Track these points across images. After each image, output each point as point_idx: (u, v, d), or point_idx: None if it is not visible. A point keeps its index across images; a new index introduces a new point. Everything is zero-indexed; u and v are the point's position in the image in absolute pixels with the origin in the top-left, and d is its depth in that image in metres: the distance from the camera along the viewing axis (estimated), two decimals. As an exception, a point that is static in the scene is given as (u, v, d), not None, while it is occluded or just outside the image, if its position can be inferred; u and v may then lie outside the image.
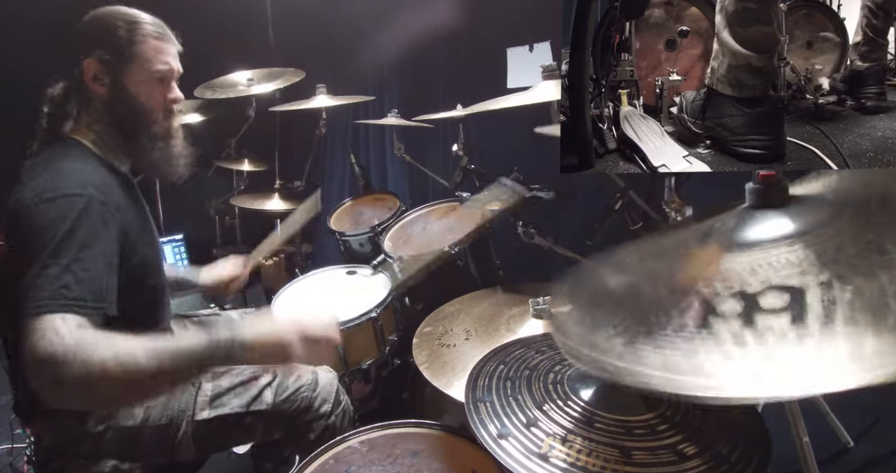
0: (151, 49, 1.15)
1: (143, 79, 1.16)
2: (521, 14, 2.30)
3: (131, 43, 1.13)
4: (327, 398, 1.31)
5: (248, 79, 2.49)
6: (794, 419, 0.98)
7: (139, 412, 1.16)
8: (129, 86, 1.15)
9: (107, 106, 1.15)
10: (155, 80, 1.17)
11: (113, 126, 1.17)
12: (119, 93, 1.15)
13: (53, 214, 0.96)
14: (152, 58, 1.15)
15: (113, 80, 1.14)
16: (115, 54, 1.13)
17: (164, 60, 1.17)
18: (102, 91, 1.14)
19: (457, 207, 2.10)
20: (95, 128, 1.16)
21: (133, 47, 1.13)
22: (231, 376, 1.27)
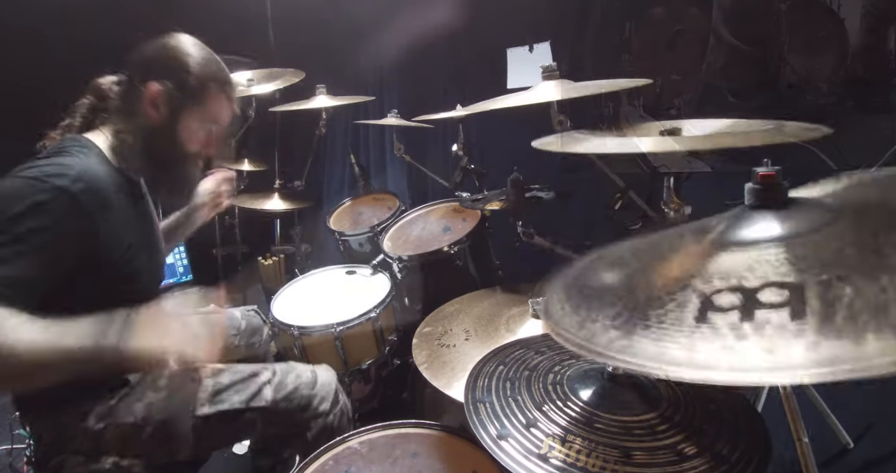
0: (218, 107, 1.19)
1: (196, 127, 1.18)
2: (521, 14, 2.30)
3: (205, 91, 1.16)
4: (326, 396, 1.32)
5: (248, 80, 2.49)
6: (794, 419, 0.98)
7: (140, 408, 1.16)
8: (180, 125, 1.16)
9: (150, 129, 1.16)
10: (205, 131, 1.20)
11: (143, 147, 1.17)
12: (168, 126, 1.16)
13: (11, 193, 0.94)
14: (214, 111, 1.19)
15: (170, 114, 1.15)
16: (184, 93, 1.14)
17: (221, 119, 1.21)
18: (154, 116, 1.15)
19: (457, 207, 2.10)
20: (122, 137, 1.16)
21: (205, 95, 1.16)
22: (231, 373, 1.27)
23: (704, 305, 0.56)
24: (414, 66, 2.84)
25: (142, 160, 1.18)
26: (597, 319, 0.63)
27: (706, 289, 0.59)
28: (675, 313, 0.57)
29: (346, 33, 2.97)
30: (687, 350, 0.52)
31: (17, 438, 1.87)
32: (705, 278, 0.61)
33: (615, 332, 0.59)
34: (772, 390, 1.16)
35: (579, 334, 0.62)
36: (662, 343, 0.54)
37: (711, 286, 0.59)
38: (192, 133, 1.19)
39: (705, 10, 2.34)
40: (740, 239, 0.66)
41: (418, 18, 2.55)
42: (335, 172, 3.41)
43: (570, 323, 0.65)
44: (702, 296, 0.58)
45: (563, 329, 0.64)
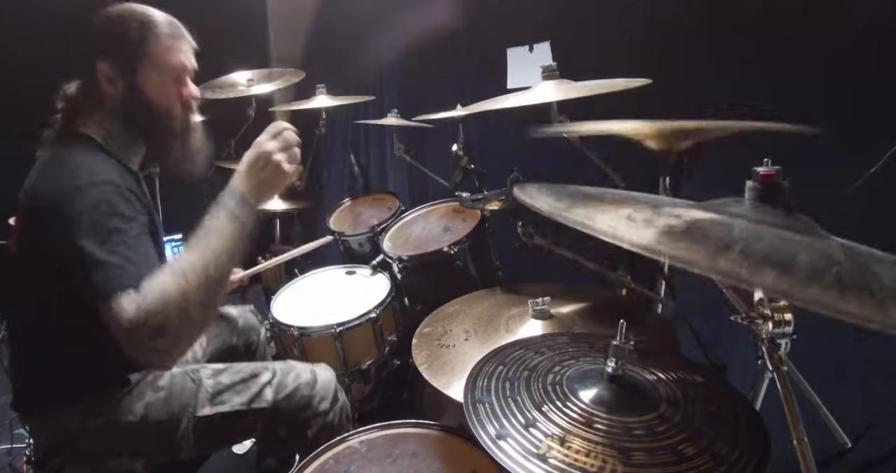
0: (164, 48, 1.14)
1: (158, 79, 1.15)
2: (521, 14, 2.30)
3: (144, 43, 1.12)
4: (325, 396, 1.32)
5: (248, 80, 2.49)
6: (794, 419, 0.98)
7: (140, 408, 1.16)
8: (143, 86, 1.14)
9: (122, 106, 1.15)
10: (170, 79, 1.16)
11: (128, 125, 1.16)
12: (134, 94, 1.14)
13: (90, 201, 0.97)
14: (165, 57, 1.15)
15: (127, 82, 1.13)
16: (127, 56, 1.12)
17: (177, 58, 1.16)
18: (116, 92, 1.14)
19: (457, 207, 2.10)
20: (107, 126, 1.16)
21: (146, 47, 1.13)
22: (231, 373, 1.27)
23: (693, 227, 0.61)
24: (414, 66, 2.84)
25: (131, 140, 1.18)
26: (576, 203, 0.70)
27: (696, 223, 0.63)
28: (661, 223, 0.62)
29: (346, 33, 2.97)
30: (672, 248, 0.57)
31: (17, 438, 1.88)
32: (697, 218, 0.65)
33: (586, 212, 0.66)
34: (770, 390, 1.16)
35: (556, 203, 0.71)
36: (646, 236, 0.59)
37: (702, 223, 0.63)
38: (160, 88, 1.16)
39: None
40: (734, 212, 0.68)
41: (418, 18, 2.55)
42: (335, 172, 3.41)
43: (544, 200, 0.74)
44: (690, 223, 0.62)
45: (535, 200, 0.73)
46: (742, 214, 0.67)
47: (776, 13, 1.62)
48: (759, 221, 0.65)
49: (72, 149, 1.10)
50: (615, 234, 0.57)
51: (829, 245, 0.61)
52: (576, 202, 0.70)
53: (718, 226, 0.62)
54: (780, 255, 0.53)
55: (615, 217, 0.63)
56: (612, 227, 0.59)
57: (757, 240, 0.57)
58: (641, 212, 0.64)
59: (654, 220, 0.61)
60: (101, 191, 1.00)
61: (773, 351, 0.78)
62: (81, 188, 0.98)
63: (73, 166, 1.04)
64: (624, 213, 0.64)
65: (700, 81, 1.81)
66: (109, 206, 0.99)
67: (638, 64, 1.45)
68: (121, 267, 0.93)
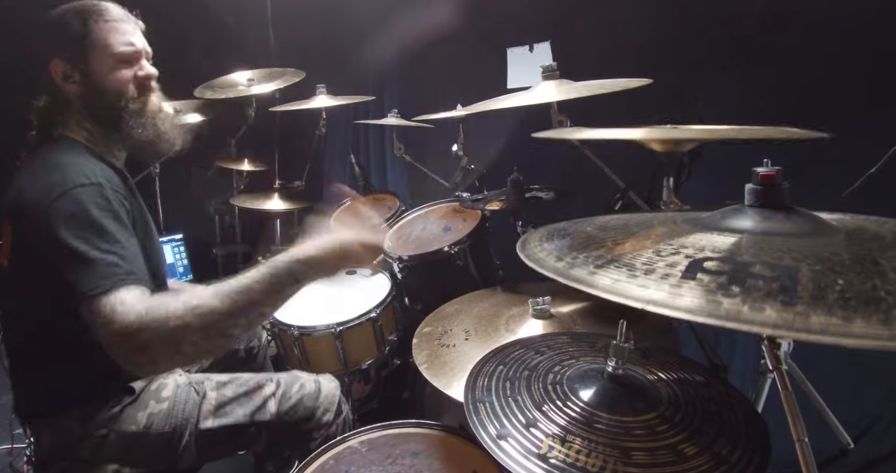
0: (109, 32, 1.13)
1: (109, 66, 1.13)
2: (521, 14, 2.30)
3: (87, 32, 1.11)
4: (329, 407, 1.31)
5: (248, 80, 2.49)
6: (794, 419, 0.98)
7: (143, 418, 1.16)
8: (96, 75, 1.13)
9: (84, 102, 1.14)
10: (121, 63, 1.14)
11: (96, 121, 1.16)
12: (90, 86, 1.13)
13: (74, 206, 0.97)
14: (112, 41, 1.13)
15: (81, 75, 1.12)
16: (74, 49, 1.11)
17: (123, 41, 1.14)
18: (75, 88, 1.13)
19: (457, 207, 2.10)
20: (85, 126, 1.15)
21: (91, 35, 1.11)
22: (235, 385, 1.27)
23: (694, 265, 0.58)
24: (414, 65, 2.84)
25: (108, 135, 1.17)
26: (577, 257, 0.66)
27: (696, 255, 0.61)
28: (662, 268, 0.59)
29: (346, 33, 2.97)
30: (672, 296, 0.54)
31: (17, 438, 1.88)
32: (698, 248, 0.63)
33: (595, 270, 0.61)
34: (772, 390, 1.16)
35: (555, 265, 0.66)
36: (647, 289, 0.56)
37: (702, 253, 0.61)
38: (111, 72, 1.14)
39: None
40: (735, 226, 0.68)
41: (418, 18, 2.55)
42: (335, 172, 3.41)
43: (546, 257, 0.69)
44: (691, 258, 0.60)
45: (536, 260, 0.69)
46: (743, 229, 0.66)
47: (776, 13, 1.62)
48: (760, 233, 0.64)
49: (56, 154, 1.09)
50: (617, 293, 0.56)
51: (833, 245, 0.60)
52: (576, 257, 0.66)
53: (720, 253, 0.60)
54: (783, 279, 0.53)
55: (616, 271, 0.60)
56: (613, 285, 0.58)
57: (759, 263, 0.56)
58: (642, 255, 0.63)
59: (654, 264, 0.60)
60: (88, 193, 0.99)
61: (773, 350, 0.78)
62: (68, 192, 0.98)
63: (59, 170, 1.03)
64: (625, 262, 0.62)
65: (700, 81, 1.81)
66: (97, 208, 0.98)
67: (638, 64, 1.45)
68: (114, 265, 0.93)
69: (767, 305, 0.50)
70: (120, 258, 0.95)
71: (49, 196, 0.97)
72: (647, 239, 0.67)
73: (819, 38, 1.54)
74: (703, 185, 1.30)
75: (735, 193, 0.74)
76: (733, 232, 0.66)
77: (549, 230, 0.81)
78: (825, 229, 0.66)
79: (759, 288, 0.52)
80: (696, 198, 1.17)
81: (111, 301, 0.89)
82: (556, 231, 0.80)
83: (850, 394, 1.44)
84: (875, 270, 0.54)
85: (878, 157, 1.36)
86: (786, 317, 0.48)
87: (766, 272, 0.55)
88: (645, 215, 0.83)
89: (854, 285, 0.51)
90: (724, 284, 0.54)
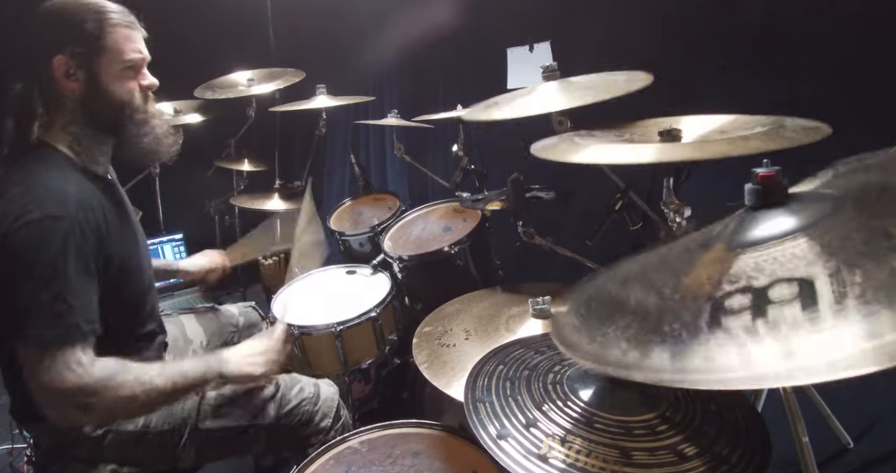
0: (122, 38, 1.11)
1: (117, 71, 1.11)
2: (521, 14, 2.30)
3: (102, 34, 1.09)
4: (328, 413, 1.31)
5: (248, 80, 2.49)
6: (794, 419, 0.98)
7: (140, 417, 1.15)
8: (103, 79, 1.10)
9: (82, 103, 1.11)
10: (128, 70, 1.13)
11: (90, 123, 1.13)
12: (94, 88, 1.10)
13: (36, 239, 0.95)
14: (123, 47, 1.11)
15: (87, 75, 1.09)
16: (86, 47, 1.08)
17: (134, 49, 1.13)
18: (76, 87, 1.09)
19: (457, 207, 2.10)
20: (71, 130, 1.11)
21: (104, 39, 1.09)
22: (235, 386, 1.26)
23: (715, 310, 0.55)
24: (414, 65, 2.84)
25: (97, 139, 1.15)
26: (607, 333, 0.62)
27: (716, 293, 0.58)
28: (687, 322, 0.56)
29: (346, 33, 2.97)
30: (703, 359, 0.51)
31: (17, 438, 1.87)
32: (714, 283, 0.60)
33: (626, 345, 0.58)
34: (772, 390, 1.16)
35: (594, 349, 0.62)
36: (679, 354, 0.53)
37: (720, 289, 0.58)
38: (121, 80, 1.13)
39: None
40: (744, 241, 0.65)
41: (418, 18, 2.55)
42: (335, 172, 3.41)
43: (584, 341, 0.64)
44: (711, 301, 0.57)
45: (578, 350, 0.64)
46: (753, 240, 0.64)
47: (777, 13, 1.62)
48: (771, 238, 0.63)
49: (33, 166, 1.05)
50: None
51: (843, 229, 0.58)
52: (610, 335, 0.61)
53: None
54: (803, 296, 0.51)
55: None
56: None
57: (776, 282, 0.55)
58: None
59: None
60: (56, 228, 0.96)
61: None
62: (34, 222, 0.95)
63: (32, 192, 0.99)
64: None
65: (701, 81, 1.81)
66: (58, 248, 0.96)
67: (638, 63, 1.44)
68: (63, 314, 0.94)
69: (791, 337, 0.48)
70: (68, 307, 0.94)
71: (16, 221, 0.95)
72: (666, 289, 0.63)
73: (819, 38, 1.54)
74: (704, 185, 1.30)
75: (735, 193, 0.74)
76: (742, 246, 0.64)
77: (577, 304, 0.76)
78: (831, 208, 0.64)
79: (784, 318, 0.50)
80: (696, 198, 1.17)
81: (67, 357, 0.93)
82: (582, 302, 0.75)
83: (850, 394, 1.43)
84: (889, 247, 0.52)
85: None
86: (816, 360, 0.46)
87: (785, 292, 0.53)
88: (657, 253, 0.79)
89: (871, 275, 0.49)
90: (749, 325, 0.51)
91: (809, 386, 1.27)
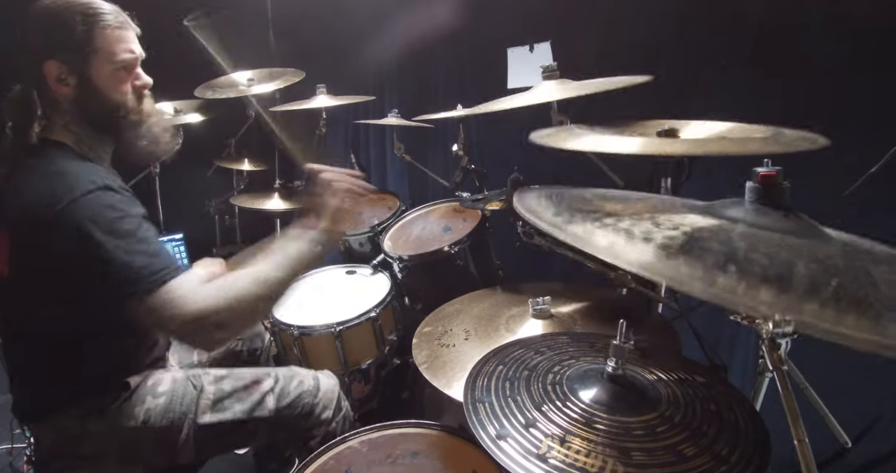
0: (113, 39, 1.09)
1: (109, 72, 1.10)
2: (521, 14, 2.30)
3: (92, 37, 1.07)
4: (328, 404, 1.31)
5: (248, 80, 2.49)
6: (794, 419, 0.98)
7: (140, 413, 1.15)
8: (95, 81, 1.10)
9: (76, 105, 1.11)
10: (121, 71, 1.12)
11: (87, 125, 1.13)
12: (87, 91, 1.10)
13: (91, 211, 0.97)
14: (115, 48, 1.10)
15: (79, 79, 1.09)
16: (76, 51, 1.07)
17: (127, 49, 1.11)
18: (68, 91, 1.09)
19: (457, 207, 2.10)
20: (72, 129, 1.12)
21: (94, 41, 1.07)
22: (233, 380, 1.26)
23: (691, 241, 0.59)
24: (414, 65, 2.84)
25: (96, 138, 1.15)
26: (575, 215, 0.68)
27: (694, 233, 0.61)
28: (660, 238, 0.60)
29: (346, 33, 2.97)
30: (668, 267, 0.55)
31: (17, 437, 1.87)
32: (696, 228, 0.63)
33: (593, 230, 0.63)
34: (771, 390, 1.16)
35: (552, 218, 0.68)
36: (644, 255, 0.57)
37: (700, 233, 0.61)
38: (114, 81, 1.11)
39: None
40: (734, 216, 0.68)
41: (418, 18, 2.55)
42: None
43: (543, 211, 0.71)
44: (688, 235, 0.60)
45: (533, 211, 0.71)
46: (741, 218, 0.66)
47: (776, 13, 1.62)
48: (758, 226, 0.65)
49: (49, 159, 1.06)
50: (614, 254, 0.57)
51: (828, 250, 0.60)
52: (574, 214, 0.68)
53: (717, 236, 0.61)
54: (779, 268, 0.53)
55: (614, 232, 0.62)
56: (611, 246, 0.59)
57: (755, 251, 0.57)
58: (641, 225, 0.63)
59: (652, 234, 0.60)
60: (103, 195, 1.00)
61: (773, 350, 0.78)
62: (79, 199, 0.97)
63: (61, 178, 1.01)
64: (623, 227, 0.63)
65: (701, 81, 1.81)
66: (116, 209, 0.99)
67: (639, 63, 1.44)
68: (153, 257, 0.97)
69: (763, 289, 0.50)
70: (155, 253, 0.99)
71: (58, 204, 0.96)
72: (647, 211, 0.68)
73: (819, 38, 1.54)
74: (703, 185, 1.30)
75: (735, 194, 0.74)
76: (732, 219, 0.66)
77: (547, 192, 0.81)
78: (822, 236, 0.66)
79: (755, 273, 0.52)
80: (696, 198, 1.17)
81: (171, 295, 0.95)
82: (553, 193, 0.80)
83: (849, 394, 1.44)
84: (868, 281, 0.54)
85: (879, 157, 1.36)
86: (780, 301, 0.48)
87: (763, 260, 0.55)
88: (645, 194, 0.82)
89: (847, 289, 0.51)
90: (721, 263, 0.54)
91: (807, 385, 1.27)
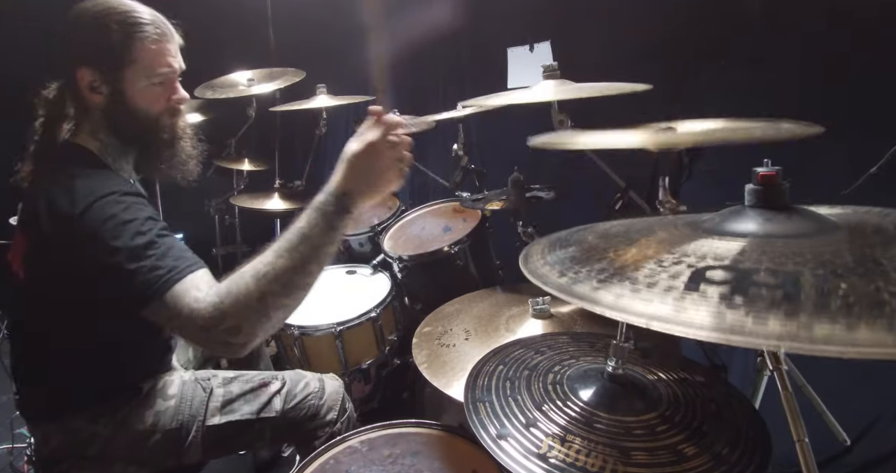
0: (151, 53, 1.05)
1: (144, 86, 1.07)
2: (521, 14, 2.30)
3: (128, 48, 1.03)
4: (333, 406, 1.32)
5: (248, 79, 2.49)
6: (794, 419, 0.98)
7: (150, 416, 1.16)
8: (128, 93, 1.06)
9: (106, 115, 1.08)
10: (157, 86, 1.08)
11: (114, 134, 1.10)
12: (118, 103, 1.06)
13: (108, 214, 0.95)
14: (152, 62, 1.06)
15: (111, 90, 1.05)
16: (110, 61, 1.03)
17: (165, 62, 1.07)
18: (100, 100, 1.06)
19: (457, 207, 2.10)
20: (99, 136, 1.09)
21: (131, 53, 1.03)
22: (241, 382, 1.28)
23: (696, 275, 0.57)
24: (414, 65, 2.84)
25: (121, 149, 1.13)
26: (580, 272, 0.65)
27: (699, 263, 0.60)
28: (664, 279, 0.58)
29: (346, 33, 2.97)
30: (675, 310, 0.53)
31: (17, 437, 1.88)
32: (699, 256, 0.62)
33: (597, 285, 0.60)
34: (770, 389, 1.16)
35: (558, 281, 0.64)
36: (650, 303, 0.55)
37: (705, 262, 0.60)
38: (149, 95, 1.08)
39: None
40: (736, 230, 0.67)
41: (418, 18, 2.55)
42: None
43: (549, 273, 0.68)
44: (693, 268, 0.59)
45: (540, 276, 0.67)
46: (744, 232, 0.65)
47: (776, 13, 1.62)
48: (761, 236, 0.64)
49: (73, 164, 1.04)
50: (621, 308, 0.56)
51: (835, 243, 0.60)
52: (580, 273, 0.65)
53: (722, 261, 0.59)
54: (786, 286, 0.52)
55: (620, 287, 0.59)
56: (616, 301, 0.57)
57: (760, 271, 0.56)
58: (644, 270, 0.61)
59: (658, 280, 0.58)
60: (124, 200, 0.98)
61: (773, 350, 0.78)
62: (97, 201, 0.95)
63: (82, 181, 0.99)
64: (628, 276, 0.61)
65: (700, 81, 1.81)
66: (129, 213, 0.96)
67: (639, 63, 1.44)
68: (177, 259, 0.94)
69: (771, 316, 0.49)
70: (174, 256, 0.95)
71: (77, 207, 0.94)
72: (649, 248, 0.66)
73: (819, 38, 1.54)
74: (703, 185, 1.30)
75: (735, 194, 0.74)
76: (735, 236, 0.65)
77: (551, 240, 0.80)
78: (827, 227, 0.65)
79: (763, 298, 0.51)
80: (697, 199, 1.17)
81: (183, 292, 0.90)
82: (557, 241, 0.79)
83: (849, 394, 1.44)
84: (877, 271, 0.53)
85: (879, 157, 1.36)
86: (790, 330, 0.47)
87: (770, 279, 0.54)
88: (646, 220, 0.82)
89: (857, 288, 0.51)
90: (727, 295, 0.53)
91: (806, 384, 1.27)
